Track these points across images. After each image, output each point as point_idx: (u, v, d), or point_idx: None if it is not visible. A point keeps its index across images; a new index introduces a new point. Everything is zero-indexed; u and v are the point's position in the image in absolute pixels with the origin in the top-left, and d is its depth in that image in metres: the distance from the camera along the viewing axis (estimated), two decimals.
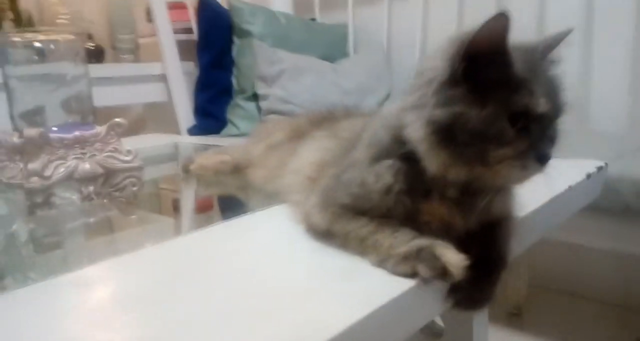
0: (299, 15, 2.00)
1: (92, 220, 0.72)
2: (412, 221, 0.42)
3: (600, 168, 0.66)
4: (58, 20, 1.81)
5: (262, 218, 0.56)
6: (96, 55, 1.84)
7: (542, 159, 0.39)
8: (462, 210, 0.41)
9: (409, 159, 0.41)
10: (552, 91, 0.40)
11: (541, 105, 0.39)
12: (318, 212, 0.46)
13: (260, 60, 1.57)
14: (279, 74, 1.57)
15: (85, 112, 0.91)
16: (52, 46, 0.87)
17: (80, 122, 0.90)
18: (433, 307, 0.40)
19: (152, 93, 1.81)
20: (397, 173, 0.42)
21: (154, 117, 2.12)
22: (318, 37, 1.81)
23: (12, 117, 0.87)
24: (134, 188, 0.87)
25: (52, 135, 0.83)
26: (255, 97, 1.59)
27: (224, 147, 0.86)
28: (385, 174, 0.42)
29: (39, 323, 0.34)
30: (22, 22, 1.76)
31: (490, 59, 0.38)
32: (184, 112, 1.72)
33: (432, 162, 0.40)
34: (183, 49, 1.88)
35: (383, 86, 1.68)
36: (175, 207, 0.82)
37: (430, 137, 0.39)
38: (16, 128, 0.86)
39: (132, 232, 0.68)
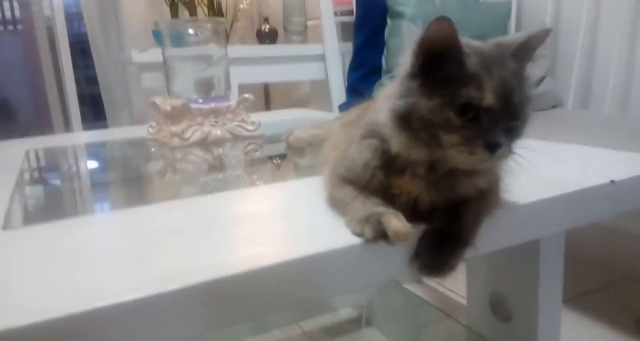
0: None
1: (221, 175, 0.89)
2: (385, 193, 0.47)
3: None
4: (241, 6, 2.08)
5: (304, 184, 0.66)
6: (270, 37, 2.07)
7: (491, 147, 0.41)
8: (429, 187, 0.45)
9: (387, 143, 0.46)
10: (506, 87, 0.42)
11: (487, 98, 0.41)
12: (328, 180, 0.54)
13: (406, 41, 1.60)
14: None
15: (222, 87, 1.08)
16: (201, 32, 1.06)
17: (219, 95, 1.08)
18: (391, 267, 0.45)
19: (314, 72, 1.98)
20: (376, 151, 0.47)
21: (318, 93, 2.30)
22: (475, 17, 1.77)
23: (168, 90, 1.08)
24: (256, 153, 1.03)
25: (193, 106, 1.02)
26: None
27: (320, 122, 0.95)
28: (365, 151, 0.48)
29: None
30: (214, 8, 2.06)
31: (443, 56, 0.42)
32: (337, 90, 1.85)
33: (395, 143, 0.45)
34: (346, 30, 2.02)
35: (534, 69, 1.59)
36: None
37: (392, 123, 0.44)
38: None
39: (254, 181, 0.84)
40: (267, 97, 2.58)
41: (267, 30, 2.05)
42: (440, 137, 0.42)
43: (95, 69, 2.36)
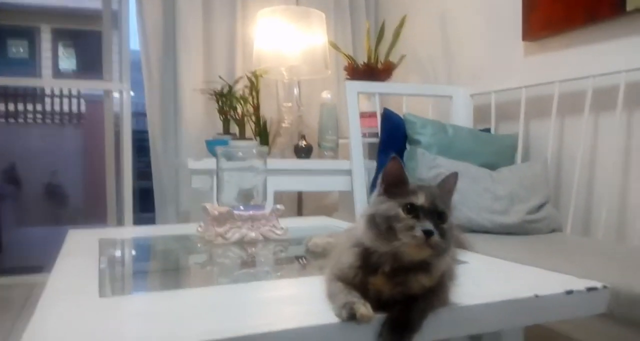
0: (477, 126, 2.26)
1: (251, 270, 1.12)
2: (363, 288, 0.69)
3: (592, 289, 0.78)
4: (283, 124, 2.41)
5: (312, 280, 0.87)
6: (306, 152, 2.37)
7: (425, 232, 0.64)
8: (389, 283, 0.67)
9: (368, 248, 0.69)
10: (434, 197, 0.67)
11: (420, 200, 0.66)
12: (326, 277, 0.76)
13: (420, 165, 1.87)
14: (435, 177, 1.84)
15: (260, 197, 1.34)
16: (248, 153, 1.34)
17: (256, 204, 1.33)
18: None
19: (342, 184, 2.26)
20: (358, 255, 0.70)
21: (345, 202, 2.55)
22: (485, 147, 2.03)
23: (217, 199, 1.35)
24: (281, 254, 1.26)
25: (235, 212, 1.27)
26: None
27: (336, 231, 1.18)
28: (351, 256, 0.71)
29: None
30: (260, 125, 2.40)
31: (396, 181, 0.69)
32: (361, 201, 2.10)
33: (366, 238, 0.69)
34: (371, 150, 2.31)
35: (536, 196, 1.80)
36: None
37: (365, 224, 0.69)
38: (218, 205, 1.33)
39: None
40: (300, 202, 2.84)
41: (303, 145, 2.36)
42: (394, 226, 0.65)
43: (151, 165, 2.69)
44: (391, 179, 0.70)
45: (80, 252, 1.14)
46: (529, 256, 1.38)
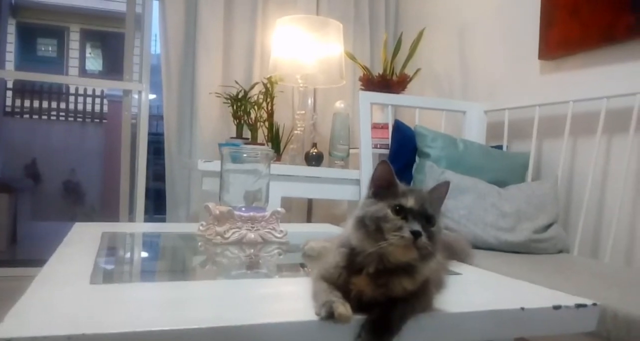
0: (490, 143, 2.25)
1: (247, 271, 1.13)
2: (346, 288, 0.69)
3: (581, 306, 0.77)
4: (296, 131, 2.43)
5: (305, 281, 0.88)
6: (317, 159, 2.38)
7: (413, 233, 0.64)
8: (372, 284, 0.67)
9: (354, 249, 0.70)
10: (423, 200, 0.68)
11: (409, 202, 0.67)
12: (313, 277, 0.76)
13: (428, 177, 1.87)
14: None
15: (262, 199, 1.35)
16: (254, 155, 1.36)
17: (258, 206, 1.34)
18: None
19: (350, 193, 2.26)
20: (344, 255, 0.71)
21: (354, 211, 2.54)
22: (494, 163, 2.02)
23: (220, 198, 1.36)
24: (279, 256, 1.27)
25: (236, 212, 1.28)
26: None
27: (334, 235, 1.19)
28: (337, 256, 0.72)
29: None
30: (273, 131, 2.42)
31: (386, 185, 0.69)
32: None
33: (353, 238, 0.70)
34: (382, 160, 2.31)
35: (544, 215, 1.78)
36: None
37: (353, 225, 0.70)
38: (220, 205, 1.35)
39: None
40: (310, 210, 2.85)
41: (314, 153, 2.37)
42: (382, 227, 0.66)
43: (165, 167, 2.72)
44: (381, 182, 0.71)
45: (81, 242, 1.16)
46: (528, 273, 1.36)
